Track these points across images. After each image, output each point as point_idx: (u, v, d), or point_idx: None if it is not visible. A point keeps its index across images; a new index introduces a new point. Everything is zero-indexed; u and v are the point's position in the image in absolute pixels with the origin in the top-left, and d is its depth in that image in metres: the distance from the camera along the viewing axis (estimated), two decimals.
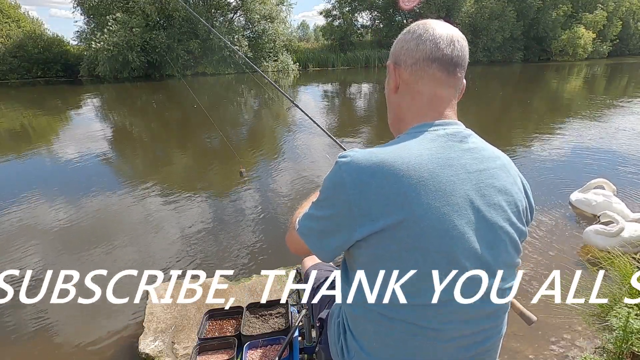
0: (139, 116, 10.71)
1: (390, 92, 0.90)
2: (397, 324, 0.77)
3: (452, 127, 0.82)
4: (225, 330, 1.76)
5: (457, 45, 0.81)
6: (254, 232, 3.50)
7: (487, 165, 0.80)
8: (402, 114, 0.87)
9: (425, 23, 0.84)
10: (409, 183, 0.71)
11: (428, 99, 0.83)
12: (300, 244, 0.87)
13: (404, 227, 0.71)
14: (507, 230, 0.79)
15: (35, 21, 24.19)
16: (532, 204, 0.89)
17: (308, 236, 0.85)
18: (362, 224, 0.73)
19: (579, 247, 3.05)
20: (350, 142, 6.74)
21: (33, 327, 2.39)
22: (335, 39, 30.36)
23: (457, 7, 28.96)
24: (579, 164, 5.24)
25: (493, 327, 0.84)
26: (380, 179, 0.72)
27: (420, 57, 0.81)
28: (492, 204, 0.77)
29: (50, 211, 4.05)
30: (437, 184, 0.73)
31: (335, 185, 0.76)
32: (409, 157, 0.74)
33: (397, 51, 0.86)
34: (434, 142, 0.78)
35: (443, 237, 0.72)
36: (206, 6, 23.44)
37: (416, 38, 0.82)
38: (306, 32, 79.10)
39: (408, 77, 0.84)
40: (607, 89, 13.08)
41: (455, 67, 0.82)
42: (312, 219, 0.84)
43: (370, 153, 0.75)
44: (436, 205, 0.72)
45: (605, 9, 33.11)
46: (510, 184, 0.82)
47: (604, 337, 1.96)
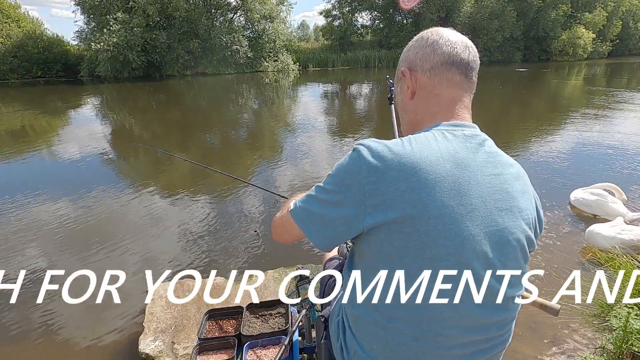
0: (139, 116, 10.72)
1: (405, 99, 0.89)
2: (398, 325, 0.76)
3: (469, 129, 0.81)
4: (225, 330, 1.77)
5: (472, 51, 0.84)
6: (253, 232, 3.50)
7: (502, 171, 0.79)
8: (419, 118, 0.87)
9: (437, 30, 0.86)
10: (425, 179, 0.70)
11: (446, 102, 0.84)
12: (288, 227, 0.84)
13: (412, 223, 0.69)
14: (518, 236, 0.77)
15: (35, 21, 24.22)
16: (541, 218, 0.87)
17: (305, 221, 0.81)
18: (371, 213, 0.72)
19: (579, 247, 3.05)
20: (351, 141, 6.74)
21: (33, 326, 2.39)
22: (335, 39, 30.40)
23: (457, 7, 28.97)
24: (580, 163, 5.23)
25: (499, 336, 0.81)
26: (398, 170, 0.70)
27: (439, 61, 0.82)
28: (505, 209, 0.76)
29: (49, 211, 4.05)
30: (453, 183, 0.71)
31: (351, 170, 0.74)
32: (427, 153, 0.73)
33: (411, 57, 0.87)
34: (452, 142, 0.77)
35: (454, 237, 0.70)
36: (206, 6, 23.46)
37: (432, 44, 0.83)
38: (306, 32, 79.10)
39: (426, 81, 0.84)
40: (607, 89, 13.08)
41: (471, 71, 0.84)
42: (315, 201, 0.80)
43: (388, 144, 0.74)
44: (450, 204, 0.70)
45: (605, 9, 33.13)
46: (523, 192, 0.81)
47: (604, 337, 1.96)
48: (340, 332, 0.92)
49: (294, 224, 0.82)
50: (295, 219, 0.82)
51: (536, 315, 2.21)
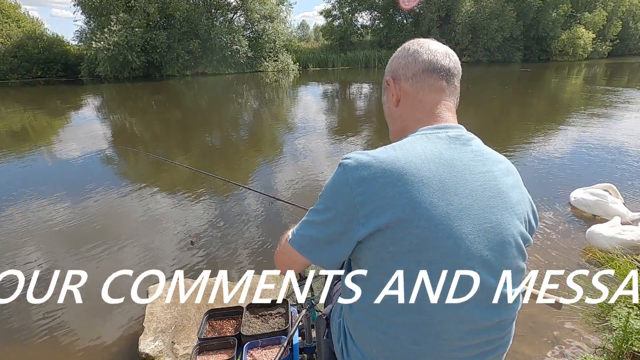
0: (140, 115, 10.71)
1: (391, 106, 0.93)
2: (396, 329, 0.75)
3: (454, 130, 0.82)
4: (225, 330, 1.76)
5: (453, 58, 0.88)
6: (254, 232, 3.50)
7: (491, 168, 0.80)
8: (404, 124, 0.89)
9: (418, 40, 0.90)
10: (411, 182, 0.71)
11: (430, 107, 0.86)
12: (292, 257, 0.84)
13: (404, 226, 0.70)
14: (512, 232, 0.77)
15: (35, 21, 24.22)
16: (535, 213, 0.88)
17: (305, 247, 0.81)
18: (363, 223, 0.73)
19: (579, 247, 3.05)
20: (350, 141, 6.73)
21: (33, 326, 2.39)
22: (335, 39, 30.39)
23: (457, 6, 28.95)
24: (580, 163, 5.23)
25: (500, 338, 0.81)
26: (384, 177, 0.71)
27: (420, 68, 0.86)
28: (496, 206, 0.76)
29: (49, 211, 4.05)
30: (439, 184, 0.72)
31: (339, 185, 0.75)
32: (412, 156, 0.74)
33: (394, 67, 0.91)
34: (436, 144, 0.78)
35: (447, 238, 0.71)
36: (206, 6, 23.46)
37: (413, 53, 0.87)
38: (306, 32, 79.10)
39: (409, 89, 0.87)
40: (607, 89, 13.07)
41: (452, 77, 0.87)
42: (310, 226, 0.81)
43: (372, 153, 0.76)
44: (439, 205, 0.71)
45: (605, 9, 33.12)
46: (514, 187, 0.82)
47: (604, 337, 1.96)
48: (342, 335, 0.93)
49: (297, 253, 0.83)
50: (295, 247, 0.83)
51: (536, 315, 2.21)
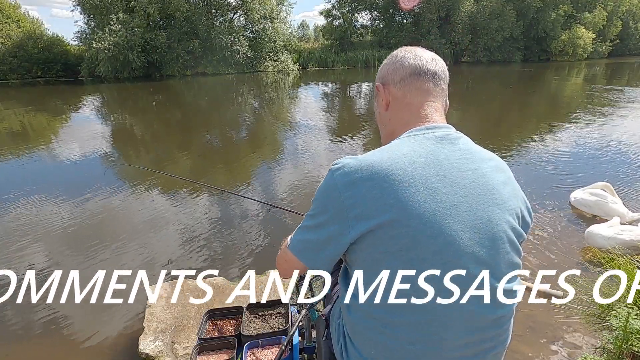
0: (140, 116, 10.72)
1: (381, 111, 0.96)
2: (393, 329, 0.76)
3: (441, 130, 0.84)
4: (225, 330, 1.77)
5: (439, 63, 0.92)
6: (254, 232, 3.50)
7: (480, 165, 0.80)
8: (393, 127, 0.92)
9: (406, 48, 0.95)
10: (398, 182, 0.72)
11: (417, 109, 0.88)
12: (291, 261, 0.86)
13: (394, 226, 0.71)
14: (503, 228, 0.78)
15: (35, 21, 24.22)
16: (529, 209, 0.88)
17: (302, 251, 0.83)
18: (354, 225, 0.74)
19: (579, 247, 3.05)
20: (350, 141, 6.73)
21: (33, 326, 2.39)
22: (335, 39, 30.38)
23: (457, 6, 28.95)
24: (581, 163, 5.23)
25: (498, 336, 0.81)
26: (370, 180, 0.73)
27: (407, 72, 0.89)
28: (486, 202, 0.77)
29: (49, 211, 4.05)
30: (426, 182, 0.73)
31: (329, 190, 0.78)
32: (398, 158, 0.75)
33: (383, 73, 0.95)
34: (422, 144, 0.79)
35: (437, 236, 0.71)
36: (206, 6, 23.46)
37: (401, 59, 0.91)
38: (306, 32, 79.12)
39: (397, 92, 0.90)
40: (607, 89, 13.07)
41: (439, 80, 0.90)
42: (305, 230, 0.83)
43: (360, 157, 0.78)
44: (427, 203, 0.72)
45: (605, 8, 33.12)
46: (505, 183, 0.82)
47: (604, 337, 1.96)
48: (341, 336, 0.93)
49: (295, 258, 0.85)
50: (293, 252, 0.85)
51: (536, 315, 2.21)
